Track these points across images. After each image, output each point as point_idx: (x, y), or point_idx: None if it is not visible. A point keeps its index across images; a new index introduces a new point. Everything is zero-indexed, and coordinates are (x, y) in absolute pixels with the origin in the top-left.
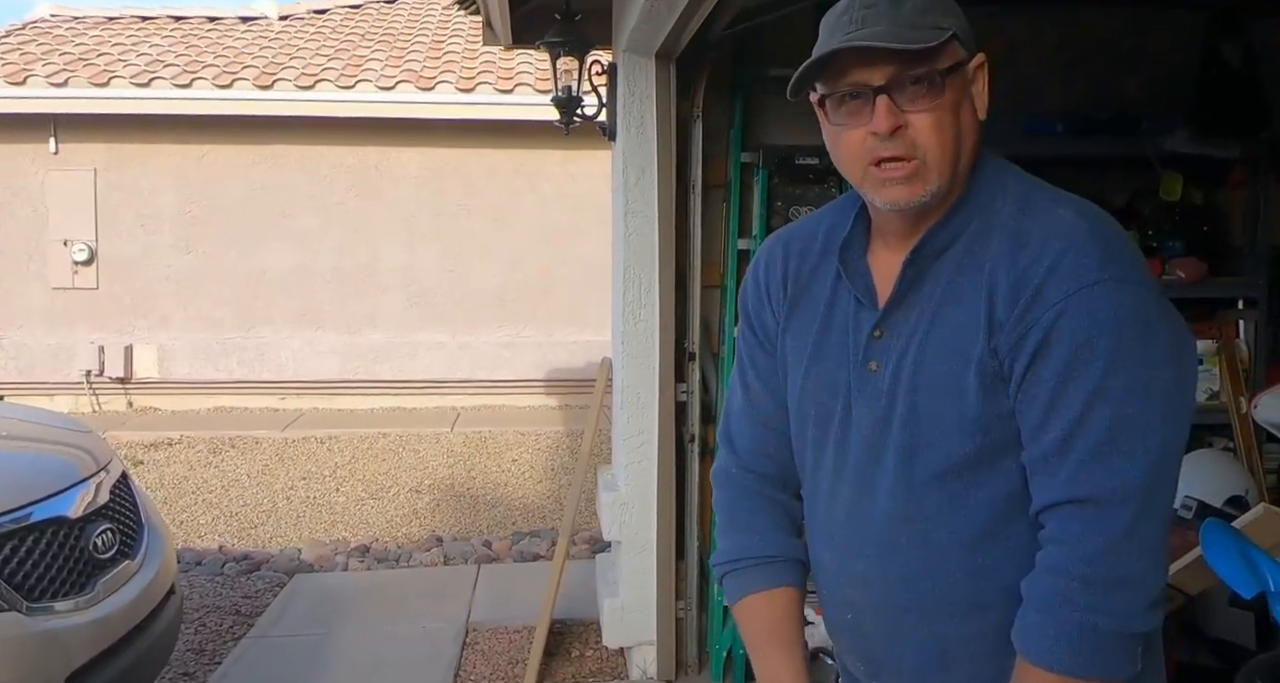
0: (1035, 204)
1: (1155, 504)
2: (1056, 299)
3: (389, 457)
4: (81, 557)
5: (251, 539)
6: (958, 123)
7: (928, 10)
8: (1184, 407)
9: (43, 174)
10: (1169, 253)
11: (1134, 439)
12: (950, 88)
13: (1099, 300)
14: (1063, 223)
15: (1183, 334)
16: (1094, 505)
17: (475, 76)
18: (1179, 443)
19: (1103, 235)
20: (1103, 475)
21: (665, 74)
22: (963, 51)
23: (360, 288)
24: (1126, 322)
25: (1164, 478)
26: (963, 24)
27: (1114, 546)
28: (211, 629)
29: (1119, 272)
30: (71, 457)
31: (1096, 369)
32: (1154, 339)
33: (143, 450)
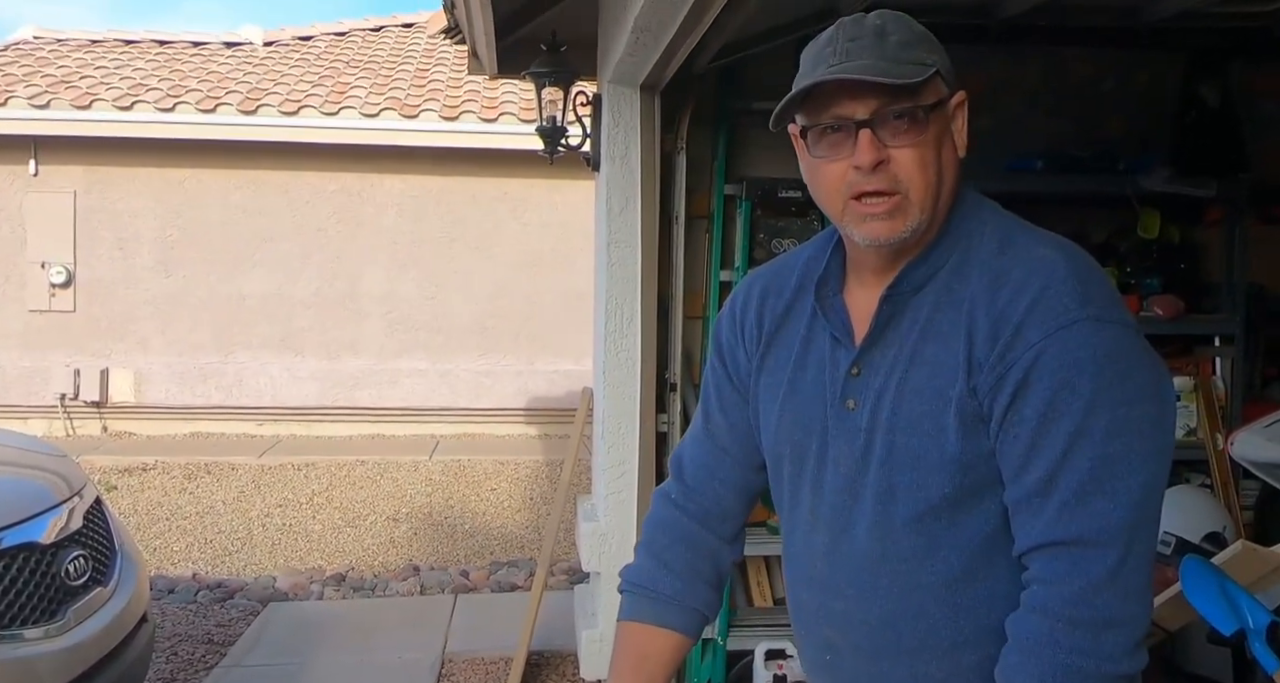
0: (1015, 242)
1: (1140, 545)
2: (1036, 339)
3: (367, 484)
4: (53, 583)
5: (226, 567)
6: (939, 159)
7: (912, 45)
8: (1165, 444)
9: (21, 195)
10: (1147, 290)
11: (1116, 479)
12: (933, 123)
13: (1078, 339)
14: (1042, 261)
15: (1161, 371)
16: (1078, 547)
17: (459, 105)
18: (1161, 481)
19: (1082, 274)
20: (1086, 517)
21: (650, 105)
22: (945, 88)
23: (340, 314)
24: (1106, 361)
25: (1147, 517)
26: (945, 61)
27: (1099, 587)
28: (184, 659)
29: (1098, 311)
30: (44, 481)
31: (1078, 409)
32: (1133, 378)
33: (117, 475)
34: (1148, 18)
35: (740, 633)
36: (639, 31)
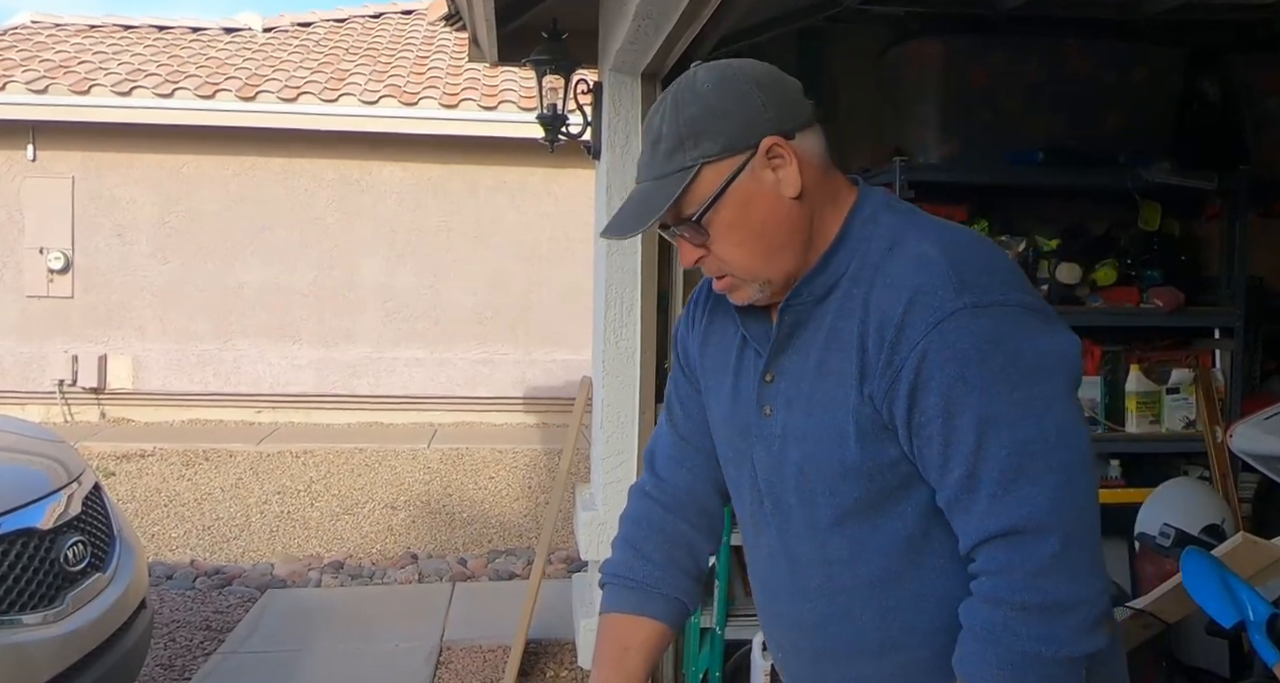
0: (902, 241)
1: (1078, 523)
2: (917, 338)
3: (365, 472)
4: (51, 569)
5: (224, 554)
6: (756, 225)
7: (676, 148)
8: (1074, 415)
9: (19, 181)
10: (1147, 282)
11: (1037, 461)
12: (723, 209)
13: (958, 331)
14: (922, 259)
15: (1059, 342)
16: (1016, 536)
17: (459, 93)
18: (1083, 454)
19: (961, 262)
20: (1015, 505)
21: (651, 94)
22: (729, 164)
23: (338, 302)
24: (991, 346)
25: (1080, 493)
26: (730, 126)
27: (1044, 571)
28: (181, 645)
29: (975, 297)
30: (43, 467)
31: (976, 400)
32: (1025, 355)
33: (115, 462)
34: (1148, 11)
35: (738, 623)
36: (640, 19)
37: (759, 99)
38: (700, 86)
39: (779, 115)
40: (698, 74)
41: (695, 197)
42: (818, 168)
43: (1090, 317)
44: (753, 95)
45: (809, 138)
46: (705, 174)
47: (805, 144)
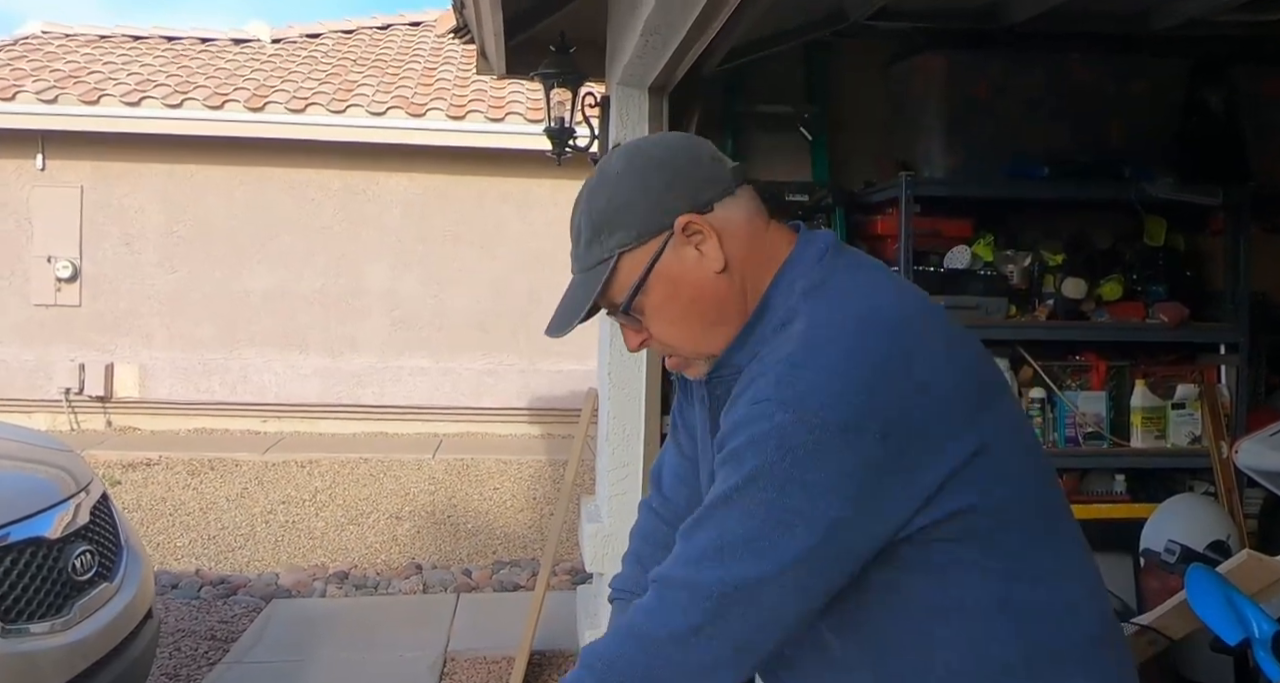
0: (791, 321)
1: (724, 627)
2: (735, 418)
3: (370, 482)
4: (59, 578)
5: (229, 563)
6: (686, 304)
7: (594, 240)
8: (799, 546)
9: (29, 190)
10: (1152, 297)
11: (733, 555)
12: (650, 293)
13: (758, 418)
14: (783, 340)
15: (830, 474)
16: (662, 585)
17: (466, 104)
18: (781, 579)
19: (803, 354)
20: (691, 567)
21: (658, 108)
22: (647, 250)
23: (344, 311)
24: (773, 442)
25: (741, 600)
26: (640, 212)
27: (666, 640)
28: (186, 654)
29: (790, 394)
30: (51, 477)
31: (735, 476)
32: (795, 469)
33: (121, 471)
34: (1153, 26)
35: None
36: (648, 33)
37: (667, 180)
38: (610, 174)
39: (692, 192)
40: (610, 160)
41: (620, 286)
42: (743, 235)
43: (1096, 331)
44: (662, 177)
45: (731, 206)
46: (625, 263)
47: (726, 214)
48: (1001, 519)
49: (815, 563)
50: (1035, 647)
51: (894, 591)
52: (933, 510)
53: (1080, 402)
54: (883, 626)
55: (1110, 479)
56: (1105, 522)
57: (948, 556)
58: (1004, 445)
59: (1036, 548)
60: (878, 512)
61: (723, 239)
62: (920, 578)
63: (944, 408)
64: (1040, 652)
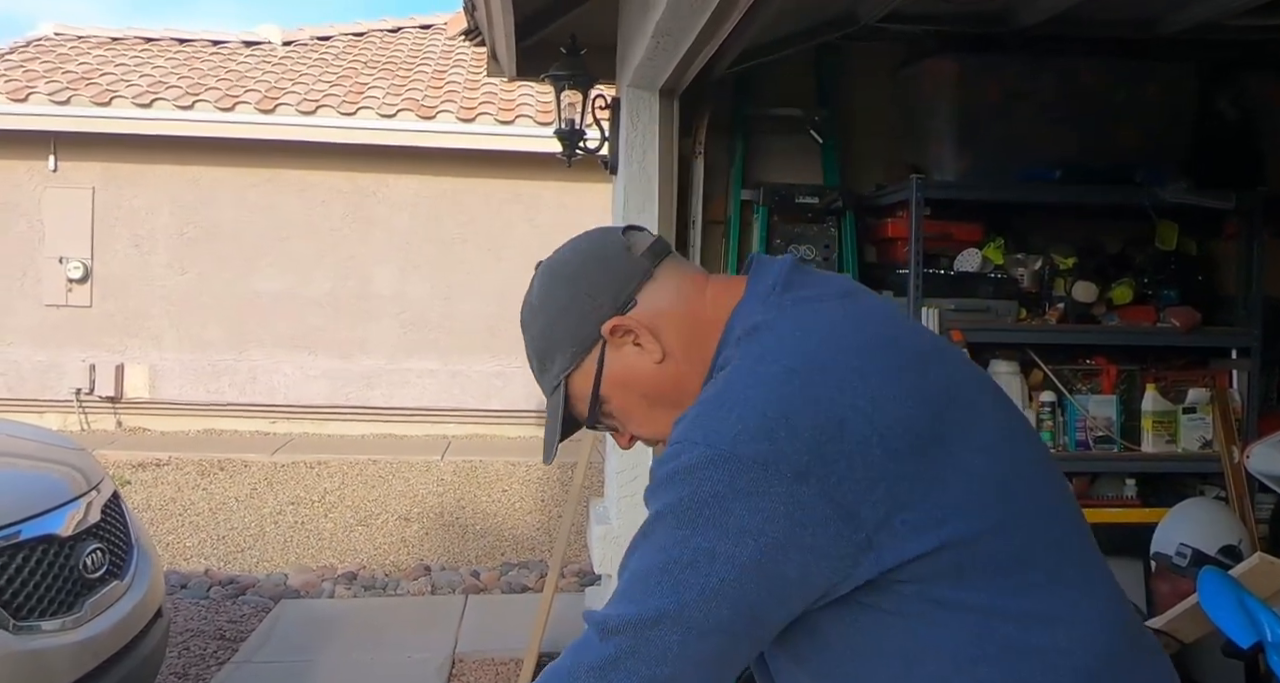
0: (726, 365)
1: (634, 663)
2: (659, 458)
3: (378, 484)
4: (71, 576)
5: (238, 563)
6: (643, 400)
7: (543, 370)
8: (705, 586)
9: (40, 191)
10: (1164, 301)
11: (641, 589)
12: (609, 401)
13: (671, 457)
14: (708, 388)
15: (751, 506)
16: (588, 628)
17: (476, 107)
18: (687, 618)
19: (715, 400)
20: (606, 611)
21: (668, 110)
22: (587, 365)
23: (353, 313)
24: (683, 479)
25: (652, 639)
26: (568, 332)
27: (578, 675)
28: (196, 653)
29: (694, 433)
30: (63, 475)
31: (651, 512)
32: (705, 507)
33: (131, 471)
34: (1164, 30)
35: None
36: (659, 36)
37: (582, 292)
38: (533, 304)
39: (609, 295)
40: (532, 288)
41: (579, 403)
42: (676, 315)
43: (1106, 336)
44: (575, 291)
45: (654, 292)
46: (574, 382)
47: (650, 303)
48: (977, 557)
49: (721, 602)
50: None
51: (863, 634)
52: (883, 554)
53: (1091, 406)
54: (857, 671)
55: (1121, 483)
56: (1115, 526)
57: (916, 597)
58: (977, 483)
59: (1023, 585)
60: (793, 556)
61: (655, 329)
62: (890, 621)
63: (882, 449)
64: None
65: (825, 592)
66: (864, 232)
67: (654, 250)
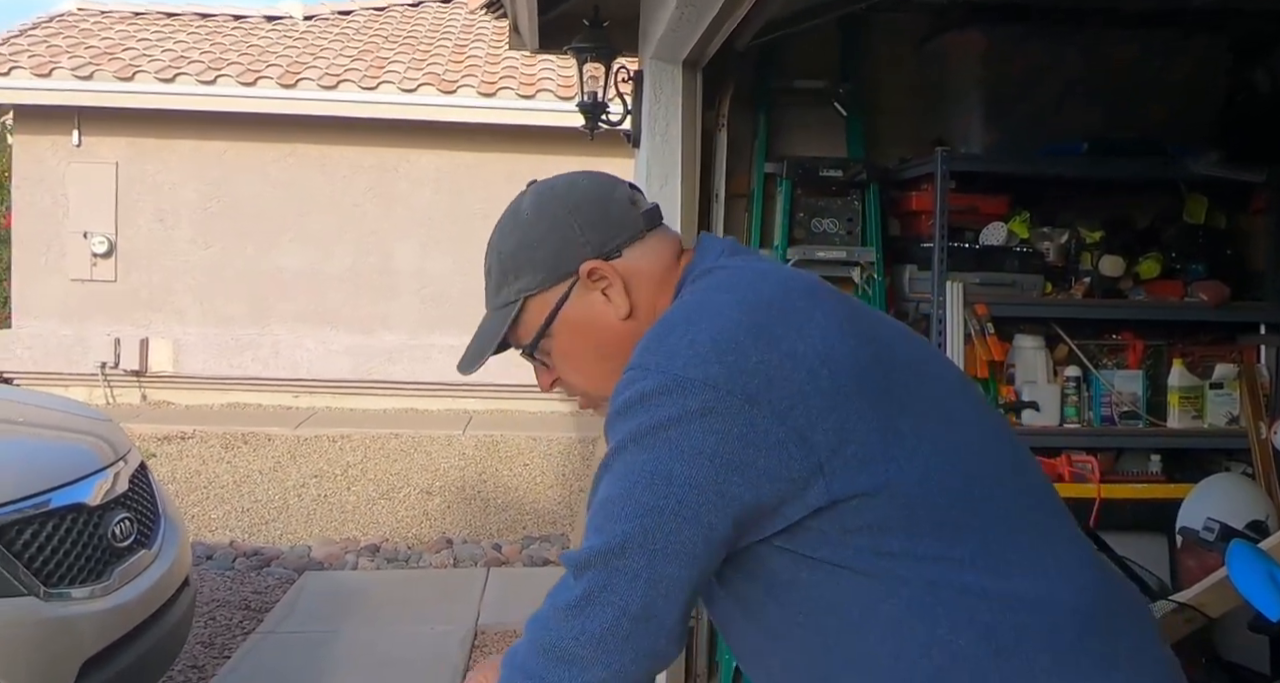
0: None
1: (609, 594)
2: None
3: (400, 458)
4: (99, 545)
5: (262, 535)
6: (591, 350)
7: (502, 281)
8: (661, 504)
9: (64, 166)
10: (1192, 276)
11: (605, 519)
12: (555, 338)
13: (625, 385)
14: (653, 327)
15: (695, 430)
16: (565, 572)
17: (497, 81)
18: (649, 541)
19: (666, 326)
20: (581, 549)
21: (691, 82)
22: (552, 295)
23: (375, 289)
24: (638, 407)
25: (622, 568)
26: (546, 256)
27: (557, 614)
28: (221, 623)
29: (647, 359)
30: (91, 445)
31: (611, 446)
32: (661, 430)
33: (156, 444)
34: (1193, 1)
35: None
36: (682, 7)
37: (575, 224)
38: (521, 216)
39: (599, 238)
40: (523, 200)
41: (526, 328)
42: (652, 279)
43: (1133, 311)
44: (569, 221)
45: (640, 251)
46: (530, 306)
47: (634, 260)
48: (929, 508)
49: (683, 523)
50: (983, 634)
51: (818, 587)
52: (834, 483)
53: (1116, 381)
54: (815, 624)
55: (1146, 459)
56: (1140, 502)
57: (869, 550)
58: (928, 430)
59: (978, 540)
60: (748, 476)
61: (629, 285)
62: (843, 575)
63: (830, 381)
64: (989, 641)
65: (774, 513)
66: (888, 205)
67: (650, 215)
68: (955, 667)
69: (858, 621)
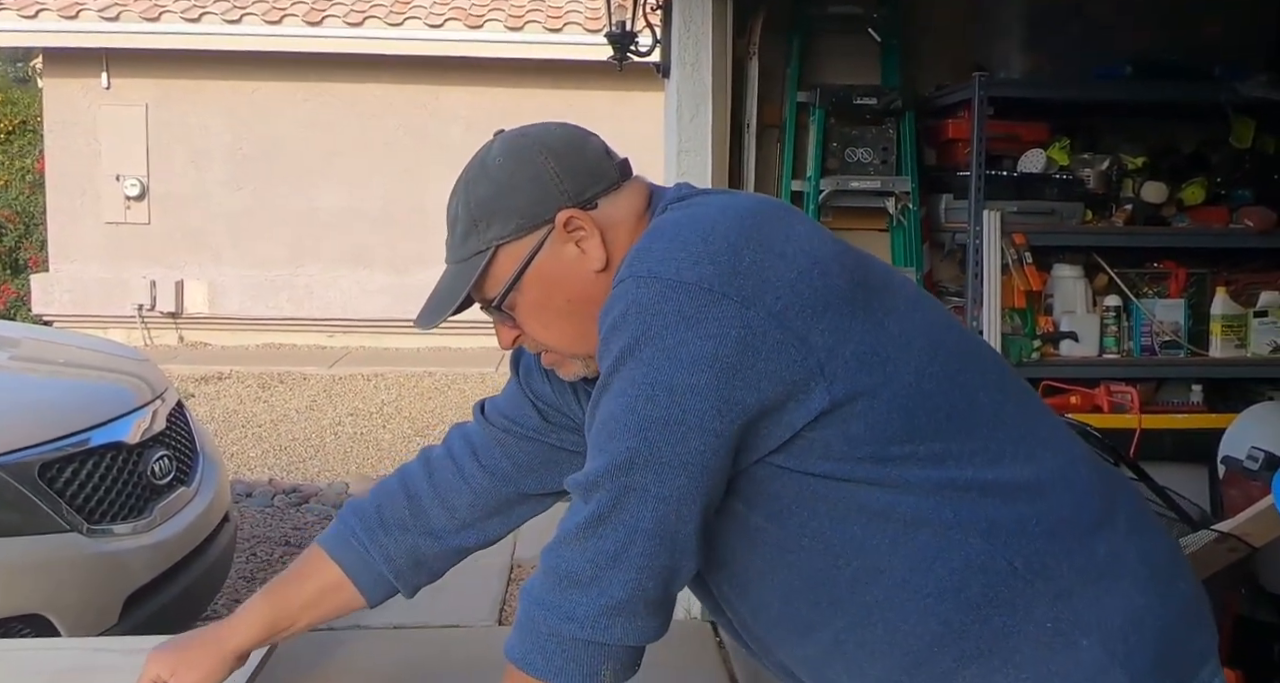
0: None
1: (620, 513)
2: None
3: (434, 395)
4: (139, 482)
5: (300, 473)
6: (562, 304)
7: (470, 231)
8: (667, 416)
9: (95, 109)
10: (1238, 201)
11: (607, 437)
12: (525, 290)
13: (616, 299)
14: (638, 241)
15: (700, 334)
16: (573, 496)
17: (524, 15)
18: (655, 454)
19: (655, 234)
20: (586, 469)
21: (722, 10)
22: (525, 243)
23: (408, 227)
24: (633, 318)
25: (630, 484)
26: (521, 203)
27: (568, 538)
28: (262, 559)
29: (642, 268)
30: (128, 384)
31: (606, 366)
32: (657, 339)
33: (193, 384)
34: None
35: None
36: None
37: (551, 170)
38: (491, 162)
39: (576, 186)
40: (491, 148)
41: (495, 280)
42: (627, 231)
43: (1176, 238)
44: (545, 167)
45: (617, 202)
46: (501, 256)
47: (611, 210)
48: (927, 407)
49: (688, 433)
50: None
51: (824, 501)
52: (835, 385)
53: (1157, 310)
54: (826, 532)
55: (1187, 389)
56: (1180, 432)
57: (871, 459)
58: (913, 330)
59: (979, 438)
60: (749, 379)
61: (605, 236)
62: (845, 486)
63: (823, 281)
64: (997, 536)
65: (781, 423)
66: (924, 134)
67: (624, 166)
68: (968, 569)
69: (866, 532)
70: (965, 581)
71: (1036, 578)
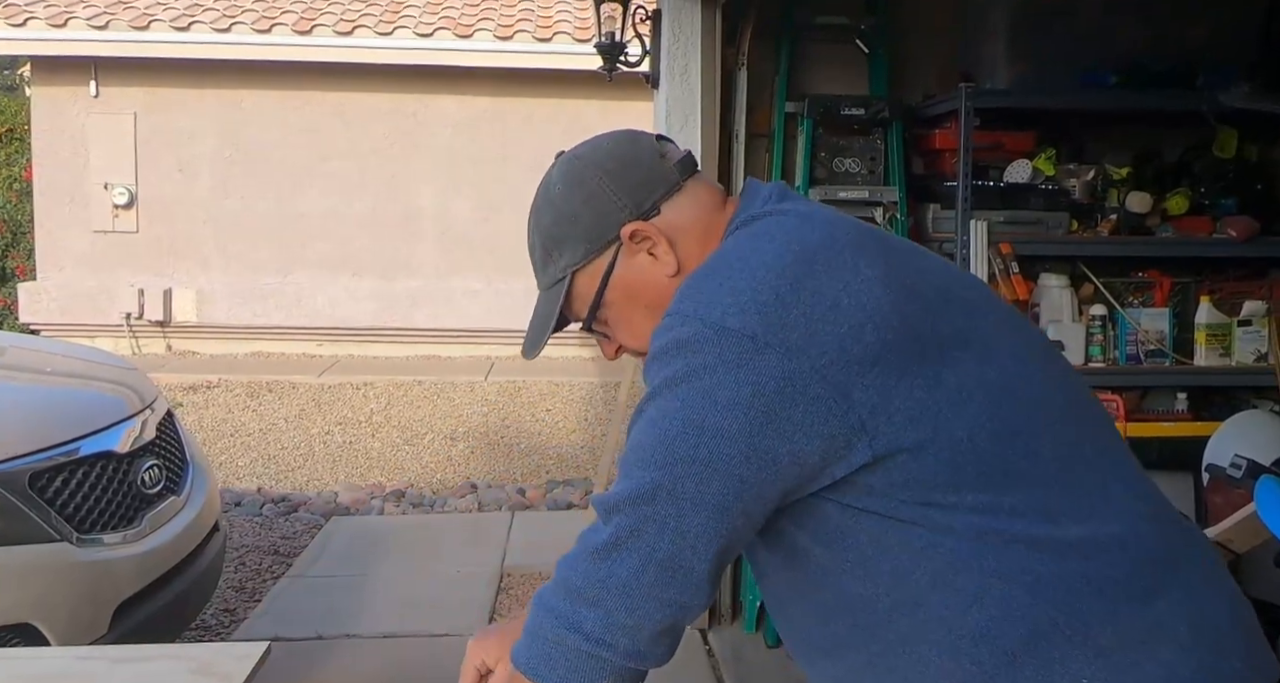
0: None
1: (636, 543)
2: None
3: (424, 404)
4: (129, 491)
5: (289, 482)
6: (647, 309)
7: (547, 260)
8: (693, 454)
9: (84, 117)
10: (1222, 210)
11: (635, 464)
12: (610, 307)
13: (662, 331)
14: (696, 272)
15: (733, 380)
16: (597, 516)
17: (514, 24)
18: (680, 491)
19: (706, 273)
20: (610, 493)
21: (711, 20)
22: (598, 265)
23: (396, 235)
24: (673, 352)
25: (650, 515)
26: (585, 228)
27: (585, 556)
28: (251, 568)
29: (685, 307)
30: (118, 394)
31: (649, 390)
32: (695, 378)
33: (182, 393)
34: None
35: None
36: None
37: (607, 190)
38: (553, 190)
39: (633, 200)
40: (551, 175)
41: (580, 301)
42: (696, 232)
43: (1161, 247)
44: (600, 188)
45: (679, 204)
46: (579, 280)
47: (674, 214)
48: (976, 459)
49: (713, 474)
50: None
51: (862, 534)
52: (877, 440)
53: (1142, 319)
54: (865, 569)
55: (1172, 397)
56: (1166, 440)
57: (914, 502)
58: (977, 378)
59: (1030, 489)
60: (783, 430)
61: (673, 241)
62: (889, 525)
63: (875, 336)
64: (1041, 592)
65: (819, 472)
66: (911, 144)
67: (684, 164)
68: (1007, 618)
69: (908, 567)
70: (1003, 628)
71: (1077, 635)
